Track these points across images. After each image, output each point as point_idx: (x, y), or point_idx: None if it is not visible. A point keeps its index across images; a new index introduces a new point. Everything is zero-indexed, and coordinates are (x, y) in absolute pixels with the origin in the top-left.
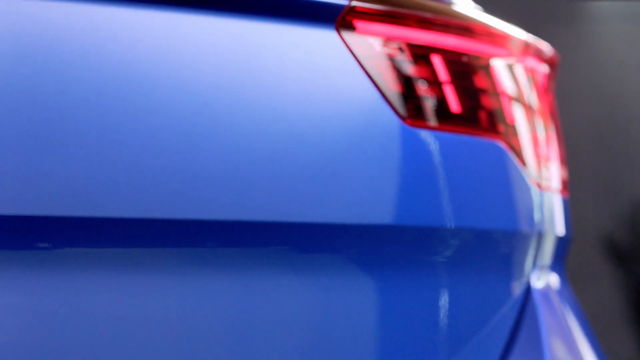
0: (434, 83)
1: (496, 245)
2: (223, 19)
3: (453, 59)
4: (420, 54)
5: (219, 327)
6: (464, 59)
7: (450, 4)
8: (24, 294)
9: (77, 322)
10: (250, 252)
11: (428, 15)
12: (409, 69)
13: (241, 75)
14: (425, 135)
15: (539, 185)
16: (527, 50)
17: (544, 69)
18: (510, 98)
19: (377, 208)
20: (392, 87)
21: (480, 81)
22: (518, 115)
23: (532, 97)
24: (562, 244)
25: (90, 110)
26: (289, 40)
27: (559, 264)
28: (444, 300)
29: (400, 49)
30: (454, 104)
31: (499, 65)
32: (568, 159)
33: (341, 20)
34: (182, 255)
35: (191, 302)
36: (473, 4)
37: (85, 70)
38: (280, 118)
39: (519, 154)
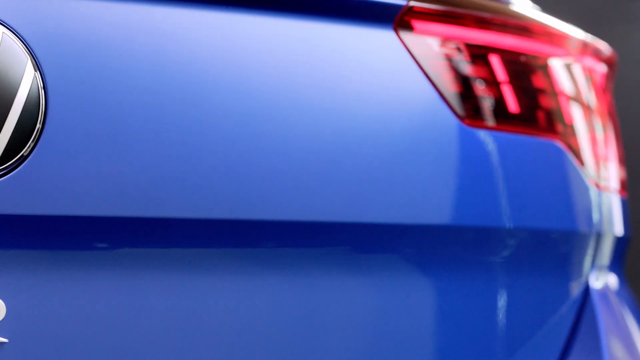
0: (492, 83)
1: (554, 246)
2: (283, 20)
3: (511, 58)
4: (478, 53)
5: (280, 326)
6: (522, 58)
7: (508, 3)
8: (83, 294)
9: (136, 321)
10: (310, 253)
11: (486, 15)
12: (467, 69)
13: (301, 76)
14: (483, 135)
15: (597, 185)
16: (585, 49)
17: (602, 68)
18: (569, 98)
19: (435, 208)
20: (450, 87)
21: (538, 81)
22: (576, 115)
23: (590, 96)
24: (621, 244)
25: (160, 111)
26: (347, 40)
27: (617, 264)
28: (502, 301)
29: (458, 49)
30: (512, 104)
31: (557, 65)
32: (626, 159)
33: (399, 20)
34: (243, 256)
35: (250, 303)
36: (531, 3)
37: (158, 72)
38: (339, 119)
39: (577, 154)
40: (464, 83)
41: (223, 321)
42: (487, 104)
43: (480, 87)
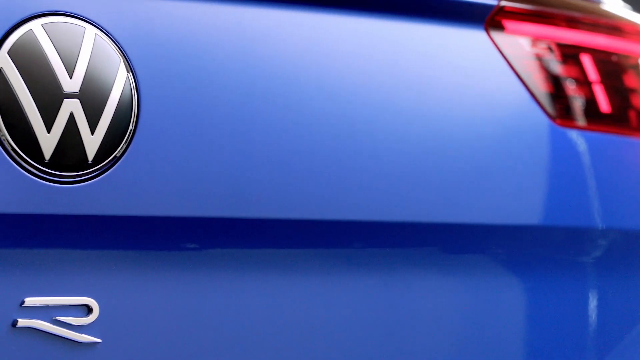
0: (583, 83)
1: None
2: (375, 21)
3: (602, 58)
4: (569, 53)
5: (371, 325)
6: (614, 58)
7: (599, 3)
8: (173, 294)
9: (225, 321)
10: (400, 253)
11: (577, 14)
12: (558, 68)
13: (393, 77)
14: (574, 135)
15: None
16: None
17: None
18: None
19: (526, 208)
20: (542, 87)
21: (629, 80)
22: None
23: None
24: None
25: (250, 112)
26: (438, 40)
27: None
28: (592, 302)
29: (550, 49)
30: (604, 104)
31: None
32: None
33: (490, 20)
34: (333, 256)
35: (341, 303)
36: (622, 3)
37: (249, 72)
38: (430, 119)
39: None
40: (555, 83)
41: (315, 321)
42: (578, 103)
43: (571, 87)
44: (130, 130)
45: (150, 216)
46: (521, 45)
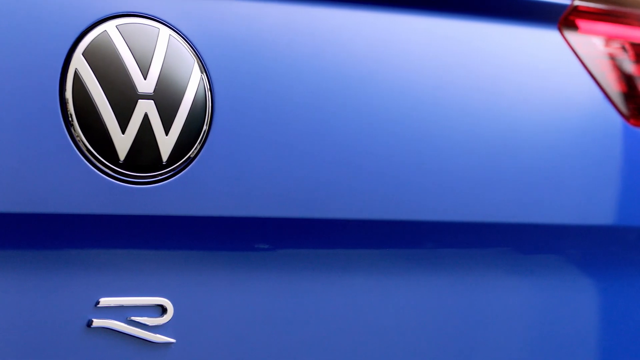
0: None
1: None
2: (448, 21)
3: None
4: None
5: (445, 327)
6: None
7: None
8: (246, 294)
9: (297, 321)
10: (474, 254)
11: None
12: (632, 68)
13: (467, 77)
14: None
15: None
16: None
17: None
18: None
19: (600, 208)
20: (615, 87)
21: None
22: None
23: None
24: None
25: (323, 112)
26: (511, 40)
27: None
28: None
29: (623, 48)
30: None
31: None
32: None
33: (564, 20)
34: (406, 257)
35: (418, 302)
36: None
37: (323, 73)
38: (504, 119)
39: None
40: (629, 82)
41: (390, 322)
42: None
43: None
44: (204, 131)
45: (224, 216)
46: (594, 44)
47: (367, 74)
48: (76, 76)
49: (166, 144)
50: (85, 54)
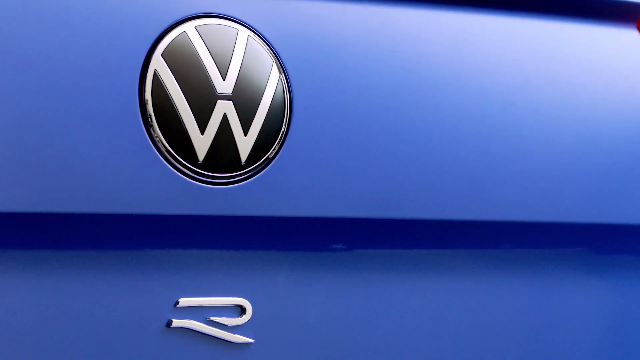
0: None
1: None
2: (526, 20)
3: None
4: None
5: (521, 326)
6: None
7: None
8: (325, 294)
9: (378, 320)
10: (550, 253)
11: None
12: None
13: (544, 76)
14: None
15: None
16: None
17: None
18: None
19: None
20: None
21: None
22: None
23: None
24: None
25: (400, 113)
26: (590, 39)
27: None
28: None
29: None
30: None
31: None
32: None
33: None
34: (481, 257)
35: (489, 304)
36: None
37: (399, 73)
38: (581, 118)
39: None
40: None
41: (469, 321)
42: None
43: None
44: (283, 132)
45: (302, 217)
46: None
47: (446, 74)
48: (155, 77)
49: (245, 144)
50: (164, 55)
